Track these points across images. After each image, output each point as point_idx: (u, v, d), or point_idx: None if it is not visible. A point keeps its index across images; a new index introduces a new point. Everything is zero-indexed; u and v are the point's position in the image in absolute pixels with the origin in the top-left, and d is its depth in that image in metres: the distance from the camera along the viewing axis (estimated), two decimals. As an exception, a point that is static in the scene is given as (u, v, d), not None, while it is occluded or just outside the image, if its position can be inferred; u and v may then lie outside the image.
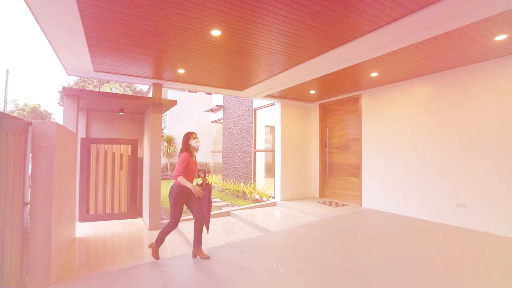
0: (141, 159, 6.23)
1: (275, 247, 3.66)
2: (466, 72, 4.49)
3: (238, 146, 9.69)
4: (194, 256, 3.35)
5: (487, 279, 2.68)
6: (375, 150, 5.95)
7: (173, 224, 3.38)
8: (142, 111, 6.15)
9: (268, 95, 6.70)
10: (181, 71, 4.78)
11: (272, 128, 8.30)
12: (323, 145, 7.46)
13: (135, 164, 6.00)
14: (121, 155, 5.89)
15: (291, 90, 6.22)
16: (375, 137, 5.96)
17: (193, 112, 17.67)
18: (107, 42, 3.54)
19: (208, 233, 3.67)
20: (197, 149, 3.63)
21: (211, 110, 12.85)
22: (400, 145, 5.46)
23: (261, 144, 8.93)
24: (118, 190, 5.82)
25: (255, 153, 8.74)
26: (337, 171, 7.06)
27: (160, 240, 3.37)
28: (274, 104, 7.58)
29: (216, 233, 4.82)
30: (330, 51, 3.81)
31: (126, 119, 6.29)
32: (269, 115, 8.52)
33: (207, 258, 3.27)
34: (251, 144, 8.84)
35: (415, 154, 5.19)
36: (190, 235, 4.51)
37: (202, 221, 3.39)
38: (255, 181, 8.57)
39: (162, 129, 18.46)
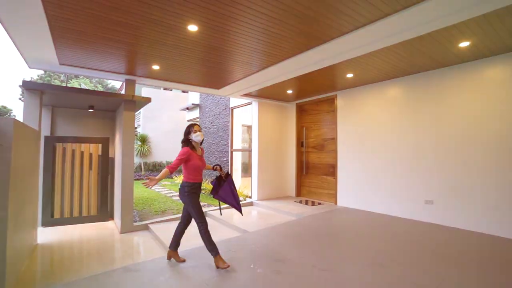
0: (113, 159, 5.93)
1: (252, 247, 3.62)
2: (434, 76, 4.71)
3: (215, 146, 9.55)
4: (169, 258, 3.22)
5: (450, 270, 2.81)
6: (350, 150, 6.10)
7: (205, 223, 3.06)
8: (113, 109, 5.86)
9: (245, 94, 6.64)
10: (155, 67, 4.59)
11: (249, 128, 8.26)
12: (299, 144, 7.54)
13: (106, 164, 5.69)
14: (91, 154, 5.56)
15: (268, 89, 6.22)
16: (350, 137, 6.12)
17: (168, 110, 17.19)
18: (74, 33, 3.30)
19: (242, 215, 3.55)
20: (201, 143, 3.23)
21: (187, 108, 12.57)
22: (373, 145, 5.64)
23: (238, 143, 8.86)
24: (87, 191, 5.49)
25: (232, 152, 8.66)
26: (313, 170, 7.17)
27: (209, 247, 3.01)
28: (251, 103, 7.54)
29: (192, 235, 4.68)
30: (308, 51, 3.83)
31: (96, 117, 5.96)
32: (246, 114, 8.47)
33: (183, 261, 3.16)
34: (228, 143, 8.74)
35: (387, 154, 5.38)
36: (164, 237, 4.36)
37: (187, 225, 3.32)
38: (232, 181, 8.49)
39: (136, 128, 17.78)
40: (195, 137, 3.09)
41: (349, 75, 5.09)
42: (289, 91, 6.47)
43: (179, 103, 16.65)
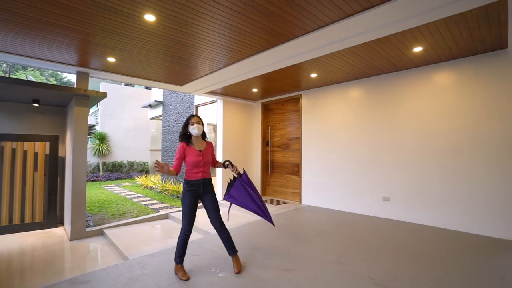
0: (63, 159, 5.42)
1: (214, 249, 3.51)
2: (392, 78, 4.97)
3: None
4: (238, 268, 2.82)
5: (405, 264, 2.96)
6: (314, 149, 6.23)
7: (187, 230, 2.75)
8: (64, 104, 5.34)
9: (210, 92, 6.47)
10: (111, 59, 4.26)
11: (215, 127, 8.09)
12: (265, 144, 7.55)
13: (55, 165, 5.18)
14: (36, 154, 5.02)
15: (234, 88, 6.12)
16: (314, 137, 6.25)
17: (130, 107, 16.26)
18: (12, 15, 2.91)
19: (274, 225, 3.36)
20: (204, 137, 2.97)
21: (150, 106, 11.98)
22: (335, 144, 5.81)
23: (203, 142, 8.63)
24: (30, 195, 4.94)
25: (197, 151, 8.41)
26: (278, 170, 7.21)
27: (177, 253, 2.77)
28: (216, 102, 7.38)
29: (151, 239, 4.44)
30: (272, 48, 3.80)
31: (43, 113, 5.39)
32: (211, 113, 8.29)
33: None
34: (193, 142, 8.48)
35: (348, 153, 5.57)
36: (120, 243, 4.08)
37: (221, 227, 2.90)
38: (197, 181, 8.25)
39: (94, 126, 16.59)
40: (192, 129, 2.79)
41: (313, 75, 5.18)
42: (255, 90, 6.43)
43: (142, 100, 15.83)
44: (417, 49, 3.85)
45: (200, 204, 2.99)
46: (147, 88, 17.85)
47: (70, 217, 4.41)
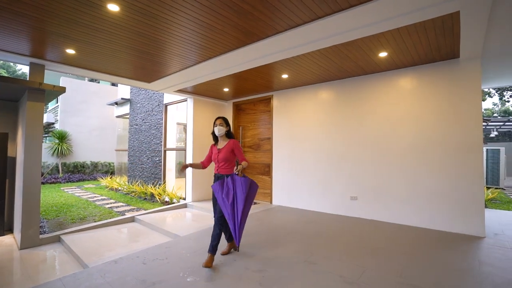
0: (14, 159, 4.94)
1: (183, 253, 3.37)
2: (359, 82, 5.15)
3: (147, 144, 8.84)
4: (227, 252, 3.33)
5: (371, 260, 3.06)
6: (284, 150, 6.29)
7: (215, 218, 3.08)
8: (15, 98, 4.86)
9: (179, 90, 6.28)
10: (70, 51, 3.95)
11: (185, 126, 7.87)
12: (237, 144, 7.47)
13: (3, 165, 4.70)
14: (-20, 153, 4.52)
15: (205, 86, 5.99)
16: (285, 137, 6.30)
17: (94, 104, 15.33)
18: None
19: (238, 248, 3.26)
20: (228, 135, 3.31)
21: (116, 103, 11.36)
22: (305, 145, 5.90)
23: (172, 142, 8.37)
24: (-27, 199, 4.43)
25: (165, 151, 8.13)
26: (249, 170, 7.18)
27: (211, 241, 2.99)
28: (186, 100, 7.18)
29: (115, 244, 4.18)
30: (244, 47, 3.75)
31: (-10, 108, 4.87)
32: (181, 112, 8.05)
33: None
34: (161, 142, 8.18)
35: (318, 154, 5.69)
36: (80, 249, 3.80)
37: (218, 219, 3.08)
38: (165, 182, 7.97)
39: (53, 123, 15.42)
40: (215, 130, 3.24)
41: (285, 76, 5.21)
42: (226, 89, 6.34)
43: (108, 97, 14.98)
44: (383, 54, 4.02)
45: (165, 209, 2.85)
46: (113, 84, 16.94)
47: (20, 224, 4.01)
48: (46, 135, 14.26)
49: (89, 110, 15.20)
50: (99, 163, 14.98)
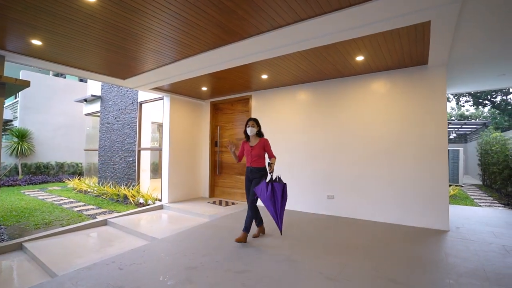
0: (-32, 159, 4.49)
1: (161, 256, 3.27)
2: (337, 84, 5.31)
3: (120, 144, 8.46)
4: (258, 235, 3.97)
5: (350, 257, 3.17)
6: (263, 149, 6.30)
7: (249, 203, 3.78)
8: (-30, 92, 4.42)
9: (155, 88, 6.08)
10: (36, 42, 3.67)
11: (160, 125, 7.64)
12: (213, 144, 7.40)
13: (-45, 166, 4.25)
14: None
15: (182, 85, 5.86)
16: (263, 137, 6.32)
17: (60, 101, 14.34)
18: None
19: (281, 234, 3.58)
20: (259, 134, 3.93)
21: (85, 100, 10.72)
22: (283, 145, 5.97)
23: (147, 141, 8.08)
24: None
25: (139, 151, 7.83)
26: (227, 170, 7.13)
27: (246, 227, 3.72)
28: (162, 99, 6.98)
29: (87, 249, 3.96)
30: (225, 46, 3.73)
31: None
32: (156, 111, 7.80)
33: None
34: (135, 141, 7.87)
35: (295, 154, 5.78)
36: (46, 257, 3.56)
37: (251, 205, 3.73)
38: (139, 183, 7.67)
39: (11, 121, 14.24)
40: (247, 130, 3.85)
41: (264, 76, 5.24)
42: (204, 88, 6.25)
43: (75, 94, 14.05)
44: (359, 58, 4.18)
45: (139, 211, 2.76)
46: (81, 80, 16.01)
47: (-23, 229, 3.66)
48: (3, 133, 13.13)
49: (54, 107, 14.22)
50: (66, 163, 14.08)
